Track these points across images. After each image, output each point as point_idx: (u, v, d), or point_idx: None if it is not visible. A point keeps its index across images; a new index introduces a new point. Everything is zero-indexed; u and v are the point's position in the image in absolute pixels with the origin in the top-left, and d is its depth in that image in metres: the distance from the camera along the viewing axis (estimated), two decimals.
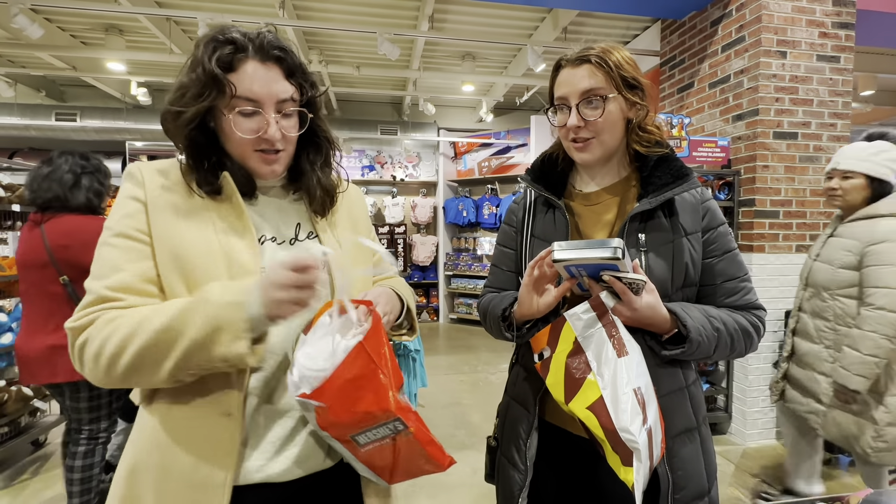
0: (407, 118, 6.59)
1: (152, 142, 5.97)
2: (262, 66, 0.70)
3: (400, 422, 0.65)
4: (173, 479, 0.68)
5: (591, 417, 0.74)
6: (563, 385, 0.78)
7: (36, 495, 2.27)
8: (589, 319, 0.79)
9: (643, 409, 0.74)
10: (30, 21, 3.21)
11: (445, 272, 6.64)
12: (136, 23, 4.13)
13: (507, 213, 1.05)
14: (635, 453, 0.72)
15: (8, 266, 2.56)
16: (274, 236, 0.77)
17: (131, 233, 0.69)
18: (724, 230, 0.88)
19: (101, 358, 0.64)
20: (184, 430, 0.69)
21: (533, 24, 4.34)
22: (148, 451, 0.70)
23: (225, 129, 0.71)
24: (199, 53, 0.69)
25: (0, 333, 2.53)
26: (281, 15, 3.73)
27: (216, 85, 0.68)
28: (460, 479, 2.44)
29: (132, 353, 0.62)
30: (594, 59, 0.83)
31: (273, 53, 0.71)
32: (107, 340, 0.63)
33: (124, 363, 0.63)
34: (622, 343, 0.77)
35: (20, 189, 2.59)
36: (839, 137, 2.96)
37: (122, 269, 0.67)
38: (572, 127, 0.85)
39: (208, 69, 0.67)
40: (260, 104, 0.70)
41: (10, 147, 5.84)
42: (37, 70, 5.11)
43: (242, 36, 0.70)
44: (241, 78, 0.69)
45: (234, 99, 0.69)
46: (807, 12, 2.88)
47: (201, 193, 0.72)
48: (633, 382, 0.74)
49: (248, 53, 0.70)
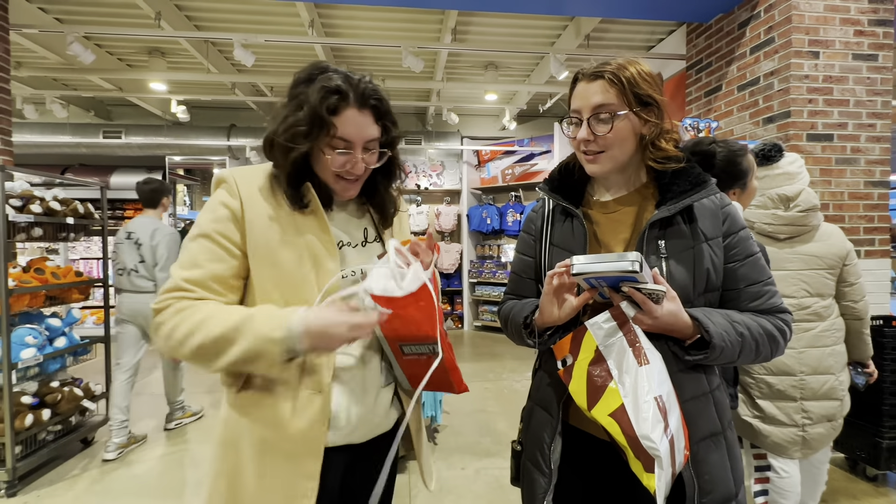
0: (431, 128, 6.69)
1: (190, 156, 6.28)
2: (359, 112, 0.82)
3: (437, 346, 0.81)
4: (271, 451, 0.81)
5: (613, 424, 0.76)
6: (585, 392, 0.80)
7: (86, 490, 2.42)
8: (610, 329, 0.80)
9: (664, 416, 0.75)
10: (83, 48, 3.46)
11: (470, 279, 6.66)
12: (176, 45, 4.38)
13: (525, 221, 1.07)
14: (657, 460, 0.73)
15: (62, 274, 2.76)
16: (349, 241, 0.91)
17: (215, 236, 0.81)
18: (745, 234, 0.88)
19: (170, 340, 0.77)
20: (280, 407, 0.81)
21: (555, 33, 4.36)
22: (248, 427, 0.82)
23: (319, 159, 0.84)
24: (311, 98, 0.80)
25: (54, 338, 2.72)
26: (310, 33, 3.89)
27: (321, 125, 0.80)
28: (486, 485, 2.45)
29: (192, 345, 0.75)
30: (608, 75, 0.84)
31: (370, 102, 0.83)
32: (175, 329, 0.76)
33: (186, 350, 0.76)
34: (643, 352, 0.78)
35: (73, 203, 2.79)
36: (879, 138, 2.84)
37: (199, 266, 0.80)
38: (581, 140, 0.88)
39: (319, 113, 0.79)
40: (352, 145, 0.83)
41: (63, 163, 6.25)
42: (87, 92, 5.48)
43: (346, 83, 0.81)
44: (343, 122, 0.81)
45: (333, 139, 0.82)
46: (840, 11, 2.80)
47: (290, 207, 0.84)
48: (654, 391, 0.75)
49: (350, 101, 0.81)
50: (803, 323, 1.63)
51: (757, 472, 1.73)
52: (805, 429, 1.62)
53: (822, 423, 1.63)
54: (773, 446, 1.63)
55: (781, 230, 1.64)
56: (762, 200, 1.68)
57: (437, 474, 2.57)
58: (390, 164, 0.93)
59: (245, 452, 0.82)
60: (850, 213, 2.82)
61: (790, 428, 1.61)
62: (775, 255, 1.64)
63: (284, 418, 0.81)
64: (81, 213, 2.84)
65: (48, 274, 2.65)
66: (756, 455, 1.73)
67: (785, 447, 1.62)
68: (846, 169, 2.82)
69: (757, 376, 1.64)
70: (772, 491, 1.68)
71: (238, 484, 0.81)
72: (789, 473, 1.65)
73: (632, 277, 0.75)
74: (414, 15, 3.97)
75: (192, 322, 0.75)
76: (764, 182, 1.72)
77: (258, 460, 0.81)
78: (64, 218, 2.70)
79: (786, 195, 1.63)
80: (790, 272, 1.64)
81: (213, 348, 0.74)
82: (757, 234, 1.68)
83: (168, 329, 0.77)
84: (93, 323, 5.88)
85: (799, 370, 1.61)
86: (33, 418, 2.42)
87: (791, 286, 1.64)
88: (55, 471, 2.60)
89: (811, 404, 1.62)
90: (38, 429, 2.45)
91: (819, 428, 1.63)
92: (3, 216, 2.31)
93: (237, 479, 0.82)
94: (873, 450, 2.37)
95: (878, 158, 2.85)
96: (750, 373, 1.66)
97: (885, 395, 2.35)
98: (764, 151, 1.70)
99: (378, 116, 0.86)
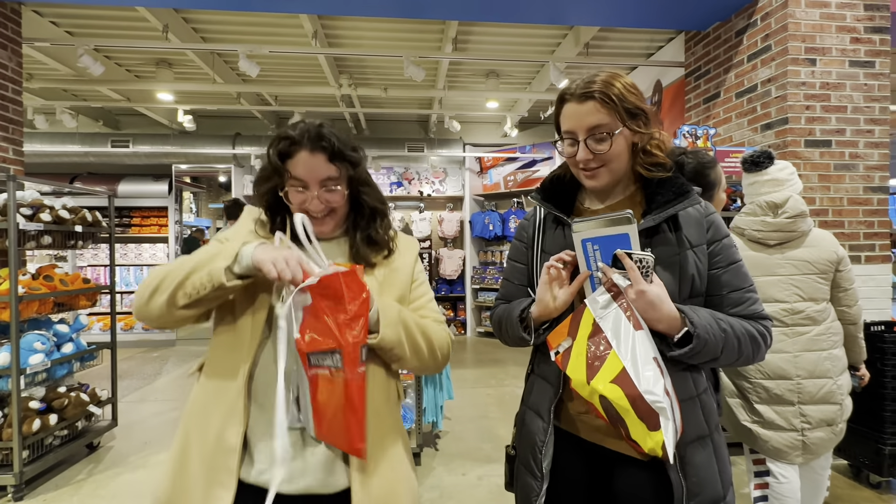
0: (433, 135, 6.75)
1: (196, 164, 6.38)
2: (310, 154, 0.91)
3: (339, 355, 0.78)
4: (207, 436, 0.87)
5: (615, 390, 0.78)
6: (584, 367, 0.82)
7: (91, 494, 2.45)
8: (605, 300, 0.84)
9: (663, 376, 0.78)
10: (93, 60, 3.55)
11: (472, 285, 6.68)
12: (183, 56, 4.48)
13: (517, 229, 1.10)
14: (661, 413, 0.75)
15: (70, 281, 2.81)
16: None
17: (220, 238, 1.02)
18: (728, 242, 0.91)
19: (145, 289, 0.87)
20: (213, 397, 0.89)
21: (555, 41, 4.41)
22: (193, 410, 0.91)
23: (288, 197, 0.95)
24: (268, 148, 0.94)
25: (62, 343, 2.77)
26: (314, 43, 3.96)
27: (277, 172, 0.93)
28: (488, 491, 2.45)
29: (159, 278, 0.86)
30: (598, 94, 0.85)
31: (320, 144, 0.91)
32: (151, 277, 0.89)
33: (152, 286, 0.86)
34: (637, 318, 0.81)
35: (82, 211, 2.85)
36: (877, 144, 2.85)
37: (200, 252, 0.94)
38: (582, 160, 0.90)
39: (272, 161, 0.93)
40: (306, 183, 0.91)
41: (72, 172, 6.36)
42: (96, 102, 5.59)
43: (297, 132, 0.91)
44: (294, 164, 0.91)
45: (290, 179, 0.92)
46: (836, 18, 2.83)
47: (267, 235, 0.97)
48: (651, 352, 0.79)
49: (301, 145, 0.91)
50: (797, 327, 1.64)
51: (756, 478, 1.73)
52: (804, 433, 1.62)
53: (822, 428, 1.63)
54: (774, 451, 1.63)
55: (771, 236, 1.66)
56: (751, 208, 1.70)
57: (439, 480, 2.58)
58: (359, 204, 0.99)
59: (192, 432, 0.90)
60: (850, 219, 2.83)
61: (789, 432, 1.62)
62: (766, 261, 1.66)
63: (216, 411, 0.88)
64: (89, 221, 2.90)
65: (57, 281, 2.70)
66: (755, 460, 1.73)
67: (785, 452, 1.63)
68: (845, 175, 2.83)
69: (754, 381, 1.65)
70: (771, 497, 1.67)
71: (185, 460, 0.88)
72: (788, 479, 1.65)
73: (625, 235, 0.81)
74: (415, 25, 4.04)
75: (164, 268, 0.88)
76: (753, 188, 1.74)
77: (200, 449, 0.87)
78: (72, 226, 2.76)
79: (773, 202, 1.65)
80: (781, 277, 1.66)
81: (176, 271, 0.85)
82: (748, 240, 1.70)
83: (144, 283, 0.88)
84: (99, 329, 5.94)
85: (795, 374, 1.62)
86: (40, 423, 2.46)
87: (783, 291, 1.65)
88: (61, 475, 2.63)
89: (809, 408, 1.62)
90: (44, 433, 2.49)
91: (819, 432, 1.63)
92: (15, 224, 2.36)
93: (185, 456, 0.89)
94: (876, 457, 2.36)
95: (876, 164, 2.86)
96: (747, 377, 1.66)
97: (887, 401, 2.34)
98: (753, 158, 1.73)
99: (331, 157, 0.91)
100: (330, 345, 0.78)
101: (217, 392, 0.89)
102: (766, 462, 1.69)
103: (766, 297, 1.65)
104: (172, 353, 5.90)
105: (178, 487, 0.87)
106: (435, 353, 0.96)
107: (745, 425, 1.67)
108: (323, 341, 0.79)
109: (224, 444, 0.85)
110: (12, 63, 3.09)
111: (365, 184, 0.99)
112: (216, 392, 0.89)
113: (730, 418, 1.72)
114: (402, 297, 0.99)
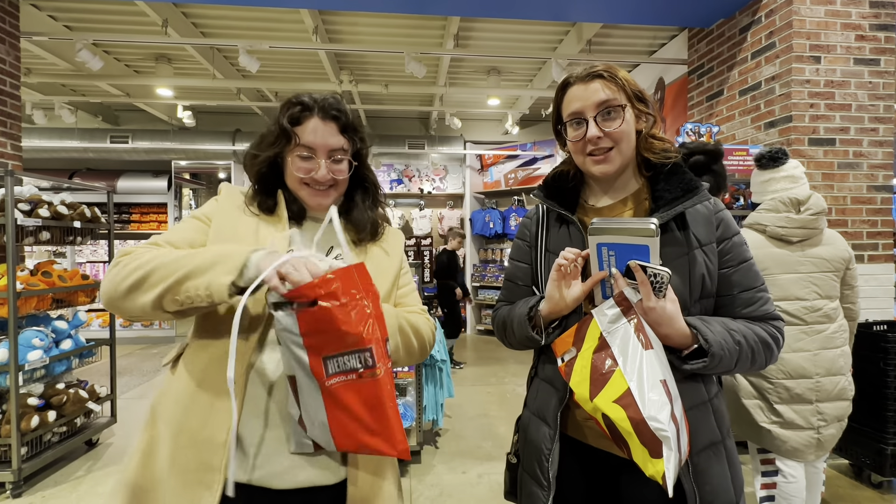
0: (434, 132, 6.73)
1: (195, 160, 6.35)
2: (322, 122, 0.88)
3: (370, 354, 0.68)
4: (185, 433, 0.80)
5: (617, 411, 0.73)
6: (588, 382, 0.78)
7: (90, 491, 2.44)
8: (614, 315, 0.80)
9: (671, 401, 0.73)
10: (92, 55, 3.53)
11: (472, 283, 6.67)
12: (183, 52, 4.45)
13: (519, 228, 1.06)
14: (664, 441, 0.70)
15: (69, 278, 2.79)
16: None
17: (199, 215, 0.91)
18: (739, 240, 0.88)
19: (118, 274, 0.77)
20: (196, 391, 0.81)
21: (557, 38, 4.38)
22: (168, 405, 0.84)
23: (288, 167, 0.90)
24: (278, 113, 0.89)
25: (60, 340, 2.75)
26: (314, 39, 3.94)
27: (285, 135, 0.88)
28: (488, 489, 2.45)
29: (144, 270, 0.75)
30: (606, 74, 0.86)
31: (332, 113, 0.89)
32: (131, 261, 0.78)
33: (133, 278, 0.75)
34: (648, 337, 0.77)
35: (80, 207, 2.83)
36: (881, 142, 2.83)
37: (177, 232, 0.87)
38: (592, 138, 0.85)
39: (282, 124, 0.88)
40: (315, 151, 0.88)
41: (71, 168, 6.34)
42: (95, 97, 5.56)
43: (311, 99, 0.89)
44: (304, 130, 0.88)
45: (297, 147, 0.88)
46: (841, 16, 2.80)
47: (256, 211, 0.91)
48: (659, 375, 0.74)
49: (313, 112, 0.88)
50: (816, 325, 1.65)
51: (764, 478, 1.71)
52: (819, 430, 1.62)
53: (834, 424, 1.64)
54: (791, 451, 1.62)
55: (794, 233, 1.65)
56: (773, 204, 1.68)
57: (438, 478, 2.57)
58: (363, 181, 0.97)
59: (162, 431, 0.82)
60: (853, 218, 2.81)
61: (807, 431, 1.61)
62: (788, 259, 1.65)
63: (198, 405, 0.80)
64: (88, 217, 2.88)
65: (55, 277, 2.68)
66: (764, 460, 1.71)
67: (801, 451, 1.62)
68: (849, 173, 2.81)
69: (776, 381, 1.63)
70: (779, 497, 1.66)
71: (149, 464, 0.82)
72: (797, 478, 1.64)
73: (645, 246, 0.76)
74: (416, 21, 4.01)
75: (152, 254, 0.78)
76: (766, 185, 1.73)
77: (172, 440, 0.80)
78: (71, 222, 2.74)
79: (797, 198, 1.64)
80: (802, 275, 1.65)
81: (173, 265, 0.74)
82: (769, 237, 1.68)
83: (121, 266, 0.77)
84: (98, 326, 5.92)
85: (815, 372, 1.62)
86: (39, 420, 2.45)
87: (803, 289, 1.65)
88: (60, 472, 2.62)
89: (825, 406, 1.62)
90: (43, 430, 2.48)
91: (831, 429, 1.64)
92: (13, 220, 2.34)
93: (149, 459, 0.82)
94: (878, 456, 2.35)
95: (880, 163, 2.84)
96: (768, 378, 1.64)
97: (890, 401, 2.33)
98: (770, 154, 1.72)
99: (342, 128, 0.90)
100: (356, 343, 0.68)
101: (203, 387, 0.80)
102: (775, 462, 1.68)
103: (787, 294, 1.64)
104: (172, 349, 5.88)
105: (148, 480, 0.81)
106: (424, 348, 0.95)
107: (764, 427, 1.64)
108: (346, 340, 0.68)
109: (209, 442, 0.78)
110: (10, 57, 3.06)
111: (367, 165, 0.97)
112: (201, 387, 0.81)
113: (744, 419, 1.69)
114: (392, 285, 0.95)
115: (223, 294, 0.72)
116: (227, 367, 0.72)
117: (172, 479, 0.78)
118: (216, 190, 0.97)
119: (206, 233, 0.88)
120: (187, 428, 0.80)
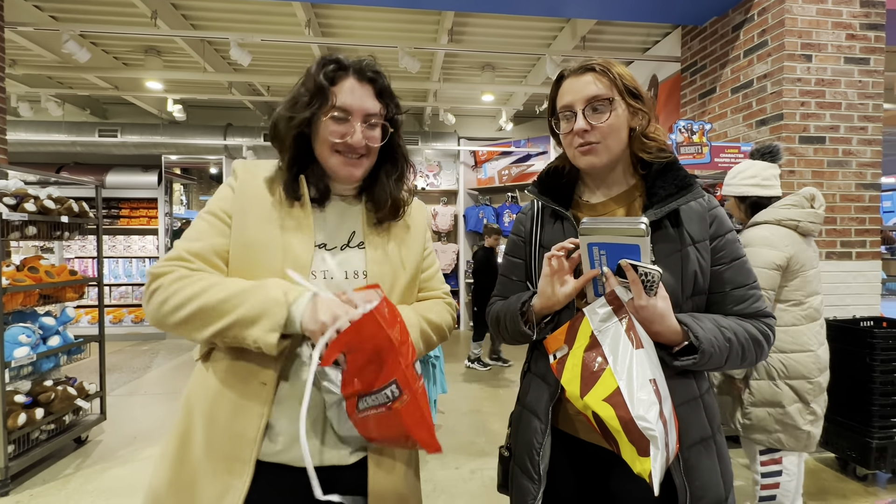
0: (427, 128, 6.71)
1: (186, 155, 6.27)
2: (358, 83, 0.84)
3: (396, 385, 0.70)
4: (217, 425, 0.80)
5: (607, 409, 0.74)
6: (579, 380, 0.79)
7: (79, 489, 2.41)
8: (605, 313, 0.80)
9: (659, 400, 0.74)
10: (79, 46, 3.46)
11: (466, 280, 6.68)
12: (173, 44, 4.38)
13: (514, 224, 1.07)
14: (652, 441, 0.71)
15: (56, 273, 2.75)
16: (327, 243, 0.88)
17: (218, 213, 0.85)
18: (732, 237, 0.89)
19: (165, 305, 0.77)
20: (230, 388, 0.81)
21: (551, 34, 4.38)
22: (203, 397, 0.83)
23: (319, 132, 0.84)
24: (312, 70, 0.84)
25: (48, 336, 2.72)
26: (307, 33, 3.90)
27: (321, 94, 0.82)
28: (481, 485, 2.46)
29: (192, 308, 0.75)
30: (598, 67, 0.86)
31: (368, 75, 0.85)
32: (175, 293, 0.76)
33: (183, 315, 0.76)
34: (638, 336, 0.78)
35: (68, 202, 2.79)
36: (870, 141, 2.87)
37: (202, 239, 0.83)
38: (579, 131, 0.86)
39: (318, 81, 0.82)
40: (350, 113, 0.83)
41: (58, 162, 6.22)
42: (83, 90, 5.46)
43: (345, 58, 0.85)
44: (341, 90, 0.83)
45: (332, 109, 0.83)
46: (832, 15, 2.83)
47: (281, 198, 0.85)
48: (648, 374, 0.75)
49: (349, 72, 0.84)
50: (822, 318, 1.71)
51: (768, 478, 1.69)
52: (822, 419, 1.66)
53: None
54: (812, 445, 1.64)
55: (818, 228, 1.69)
56: (797, 199, 1.66)
57: (432, 474, 2.58)
58: (393, 151, 0.92)
59: (196, 420, 0.83)
60: (842, 216, 2.85)
61: (821, 422, 1.65)
62: (812, 254, 1.69)
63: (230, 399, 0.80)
64: (76, 211, 2.83)
65: (42, 272, 2.64)
66: (770, 461, 1.68)
67: (815, 442, 1.65)
68: (838, 171, 2.85)
69: (814, 380, 1.62)
70: (780, 495, 1.66)
71: (187, 447, 0.83)
72: (797, 473, 1.67)
73: (635, 246, 0.76)
74: (410, 15, 3.99)
75: (195, 287, 0.76)
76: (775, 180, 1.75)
77: (206, 430, 0.81)
78: (58, 217, 2.69)
79: (812, 194, 1.67)
80: (818, 270, 1.70)
81: (217, 310, 0.74)
82: (800, 233, 1.65)
83: (165, 294, 0.77)
84: (87, 322, 5.85)
85: (827, 363, 1.69)
86: (26, 417, 2.41)
87: (820, 283, 1.71)
88: (48, 470, 2.59)
89: (825, 394, 1.68)
90: (31, 428, 2.44)
91: None
92: None
93: (187, 443, 0.83)
94: (863, 449, 2.39)
95: (869, 161, 2.88)
96: (808, 377, 1.61)
97: (875, 395, 2.37)
98: (771, 150, 1.74)
99: (378, 92, 0.86)
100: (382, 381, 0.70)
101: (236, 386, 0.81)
102: (782, 461, 1.66)
103: (813, 290, 1.66)
104: (162, 346, 5.83)
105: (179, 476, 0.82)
106: (444, 337, 0.97)
107: (805, 429, 1.61)
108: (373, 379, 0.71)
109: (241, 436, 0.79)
110: None
111: (400, 134, 0.91)
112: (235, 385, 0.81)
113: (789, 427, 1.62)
114: (416, 265, 0.94)
115: (272, 350, 0.74)
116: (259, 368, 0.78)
117: (207, 463, 0.80)
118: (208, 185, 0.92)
119: (228, 235, 0.83)
120: (220, 421, 0.81)
